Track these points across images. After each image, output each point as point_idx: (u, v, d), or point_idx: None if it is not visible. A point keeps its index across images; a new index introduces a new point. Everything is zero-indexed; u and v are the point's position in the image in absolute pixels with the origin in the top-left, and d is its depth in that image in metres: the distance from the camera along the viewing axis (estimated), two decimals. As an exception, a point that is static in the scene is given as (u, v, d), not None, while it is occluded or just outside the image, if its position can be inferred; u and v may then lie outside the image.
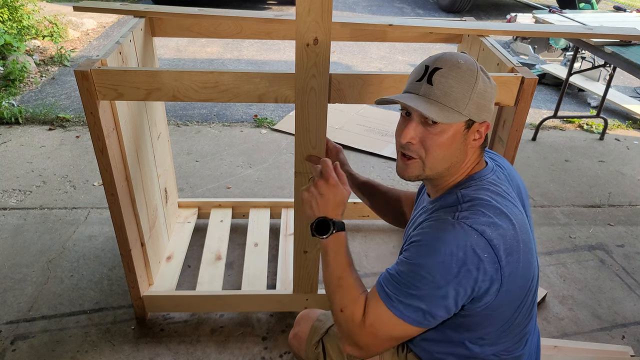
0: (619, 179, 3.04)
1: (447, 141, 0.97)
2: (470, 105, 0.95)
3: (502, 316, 0.99)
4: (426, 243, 0.93)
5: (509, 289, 0.95)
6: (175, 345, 1.80)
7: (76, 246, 2.27)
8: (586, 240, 2.48)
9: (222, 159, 3.04)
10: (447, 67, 0.95)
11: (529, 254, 0.98)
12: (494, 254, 0.91)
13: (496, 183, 1.02)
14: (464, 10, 6.74)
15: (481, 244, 0.90)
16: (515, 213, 0.98)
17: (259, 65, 4.69)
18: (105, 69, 1.32)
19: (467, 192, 0.99)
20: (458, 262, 0.89)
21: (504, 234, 0.93)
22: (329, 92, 1.38)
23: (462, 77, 0.95)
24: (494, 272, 0.91)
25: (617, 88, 4.47)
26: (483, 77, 0.97)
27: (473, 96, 0.95)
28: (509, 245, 0.93)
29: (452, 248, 0.90)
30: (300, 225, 1.61)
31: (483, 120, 0.99)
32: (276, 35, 1.87)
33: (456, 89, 0.95)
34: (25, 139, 3.16)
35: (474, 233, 0.91)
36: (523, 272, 0.97)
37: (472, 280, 0.91)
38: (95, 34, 5.35)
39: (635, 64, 2.43)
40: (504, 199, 0.99)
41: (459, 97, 0.95)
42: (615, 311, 2.06)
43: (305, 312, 1.30)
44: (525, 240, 0.97)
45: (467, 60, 0.97)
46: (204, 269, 2.06)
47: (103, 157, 1.45)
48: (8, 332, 1.83)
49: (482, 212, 0.94)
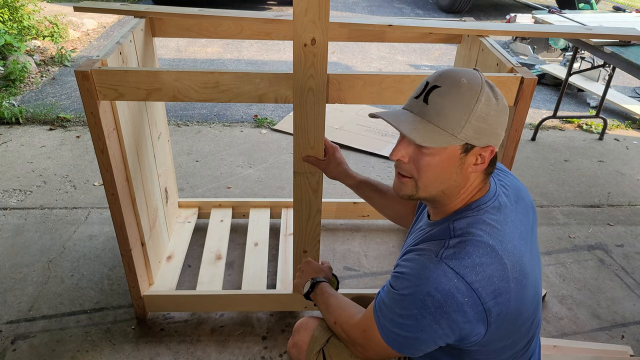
0: (619, 178, 3.04)
1: (440, 164, 0.92)
2: (467, 128, 0.89)
3: (497, 347, 0.97)
4: (408, 278, 0.92)
5: (500, 327, 0.92)
6: (175, 344, 1.81)
7: (76, 246, 2.27)
8: (585, 240, 2.48)
9: (222, 159, 3.04)
10: (447, 86, 0.90)
11: (523, 290, 0.94)
12: (476, 297, 0.88)
13: (495, 211, 0.97)
14: (463, 11, 6.74)
15: (462, 288, 0.87)
16: (509, 249, 0.93)
17: (259, 66, 4.69)
18: (106, 69, 1.32)
19: (460, 225, 0.95)
20: (435, 303, 0.88)
21: (491, 275, 0.89)
22: (328, 92, 1.38)
23: (460, 98, 0.89)
24: (477, 315, 0.89)
25: (616, 88, 4.48)
26: (487, 99, 0.90)
27: (471, 119, 0.89)
28: (496, 287, 0.90)
29: (431, 289, 0.88)
30: (299, 225, 1.61)
31: (486, 144, 0.92)
32: (276, 35, 1.87)
33: (452, 110, 0.89)
34: (25, 139, 3.16)
35: (454, 276, 0.88)
36: (516, 309, 0.93)
37: (452, 322, 0.89)
38: (96, 34, 5.35)
39: (635, 64, 2.44)
40: (500, 231, 0.94)
41: (454, 119, 0.89)
42: (614, 311, 2.06)
43: (304, 321, 1.29)
44: (518, 277, 0.93)
45: (472, 79, 0.91)
46: (204, 269, 2.06)
47: (103, 156, 1.45)
48: (8, 332, 1.83)
49: (469, 252, 0.90)
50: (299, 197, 1.52)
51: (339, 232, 2.44)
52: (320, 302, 1.22)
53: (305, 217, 1.55)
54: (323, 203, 2.47)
